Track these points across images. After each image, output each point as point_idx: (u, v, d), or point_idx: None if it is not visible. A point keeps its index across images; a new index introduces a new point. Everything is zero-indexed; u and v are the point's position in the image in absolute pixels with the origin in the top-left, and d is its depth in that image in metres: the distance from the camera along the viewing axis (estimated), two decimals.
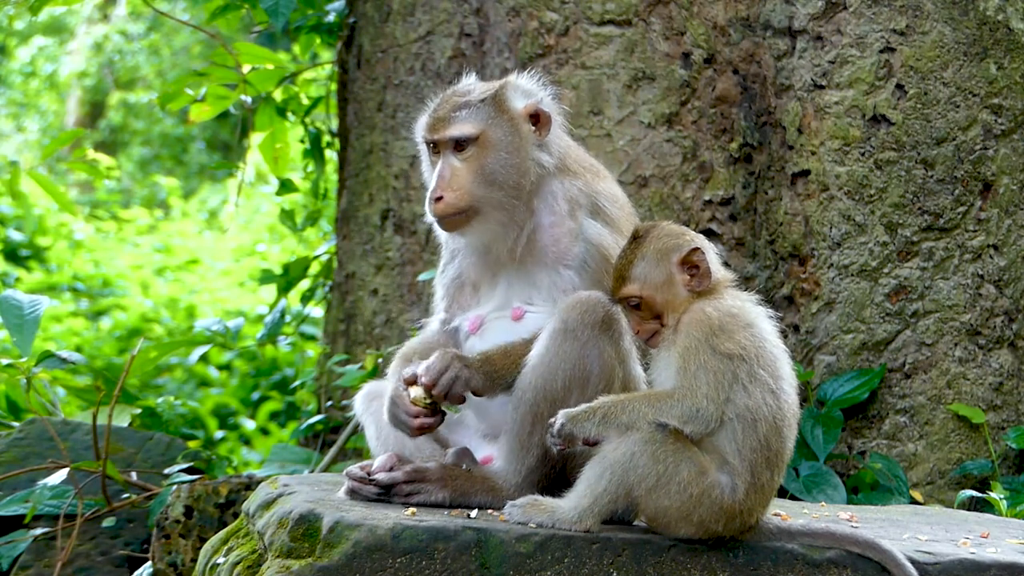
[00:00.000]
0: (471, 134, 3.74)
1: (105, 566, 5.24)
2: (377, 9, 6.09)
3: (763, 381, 3.27)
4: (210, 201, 18.61)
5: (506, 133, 3.75)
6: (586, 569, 3.30)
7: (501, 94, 3.80)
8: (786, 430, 3.31)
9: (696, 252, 3.39)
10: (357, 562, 3.23)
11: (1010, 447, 5.22)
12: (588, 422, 3.29)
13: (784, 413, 3.30)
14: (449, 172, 3.74)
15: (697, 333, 3.29)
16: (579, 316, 3.53)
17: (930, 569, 3.39)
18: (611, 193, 3.89)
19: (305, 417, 6.51)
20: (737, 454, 3.26)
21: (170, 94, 6.57)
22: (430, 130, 3.80)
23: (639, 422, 3.25)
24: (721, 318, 3.31)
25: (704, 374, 3.25)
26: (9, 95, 20.83)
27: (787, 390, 3.33)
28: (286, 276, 6.98)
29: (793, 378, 3.38)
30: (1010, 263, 5.33)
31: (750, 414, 3.25)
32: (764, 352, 3.30)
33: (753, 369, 3.27)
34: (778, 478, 3.33)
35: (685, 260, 3.40)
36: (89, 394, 6.00)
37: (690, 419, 3.24)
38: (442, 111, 3.79)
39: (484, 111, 3.76)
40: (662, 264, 3.42)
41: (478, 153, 3.73)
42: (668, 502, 3.28)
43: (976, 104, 5.29)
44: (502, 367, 3.64)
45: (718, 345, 3.27)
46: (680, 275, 3.41)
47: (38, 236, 13.68)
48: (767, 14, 5.43)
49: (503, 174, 3.74)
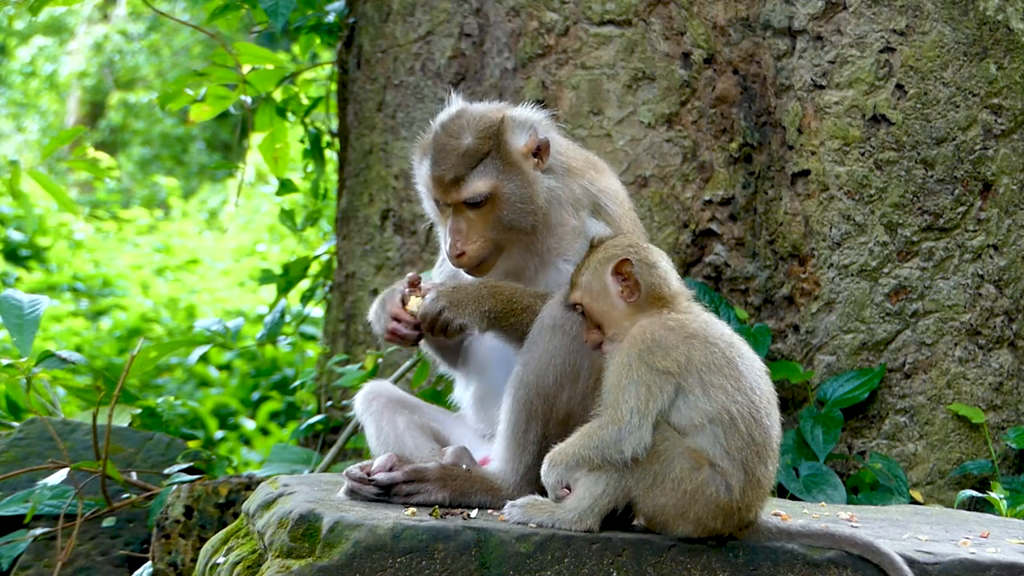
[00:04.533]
0: (485, 194, 3.71)
1: (105, 566, 5.24)
2: (377, 9, 6.09)
3: (720, 385, 3.27)
4: (210, 201, 18.61)
5: (517, 183, 3.73)
6: (586, 569, 3.30)
7: (504, 141, 3.72)
8: (766, 420, 3.31)
9: (625, 264, 3.39)
10: (357, 562, 3.23)
11: (1010, 447, 5.22)
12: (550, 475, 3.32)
13: (758, 405, 3.29)
14: (466, 226, 3.72)
15: (632, 350, 3.30)
16: (567, 310, 3.54)
17: (930, 569, 3.39)
18: (612, 190, 3.89)
19: (305, 417, 6.50)
20: (726, 456, 3.26)
21: (170, 94, 6.57)
22: (441, 192, 3.73)
23: (587, 453, 3.27)
24: (656, 333, 3.31)
25: (635, 388, 3.25)
26: (9, 95, 20.83)
27: (754, 384, 3.32)
28: (286, 276, 6.98)
29: (759, 370, 3.37)
30: (1010, 263, 5.33)
31: (726, 414, 3.25)
32: (713, 358, 3.29)
33: (704, 377, 3.27)
34: (772, 469, 3.34)
35: (617, 270, 3.41)
36: (89, 394, 6.00)
37: (618, 440, 3.24)
38: (446, 169, 3.70)
39: (492, 165, 3.70)
40: (599, 274, 3.43)
41: (493, 206, 3.72)
42: (664, 499, 3.28)
43: (976, 104, 5.29)
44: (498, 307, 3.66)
45: (654, 362, 3.27)
46: (614, 286, 3.41)
47: (38, 236, 13.68)
48: (767, 14, 5.43)
49: (519, 219, 3.74)
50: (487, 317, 3.65)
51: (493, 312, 3.66)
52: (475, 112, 3.80)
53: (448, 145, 3.72)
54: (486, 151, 3.71)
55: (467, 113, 3.80)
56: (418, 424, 3.93)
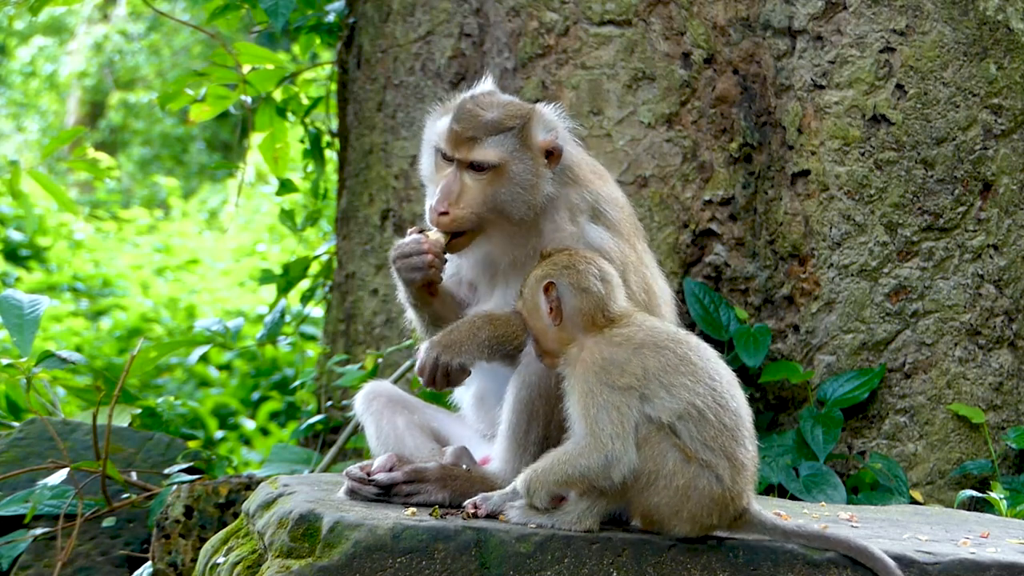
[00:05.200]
0: (494, 162, 3.69)
1: (105, 566, 5.24)
2: (377, 9, 6.09)
3: (680, 383, 3.29)
4: (210, 201, 18.61)
5: (526, 169, 3.71)
6: (586, 569, 3.30)
7: (528, 127, 3.73)
8: (732, 403, 3.33)
9: (550, 288, 3.41)
10: (357, 562, 3.24)
11: (1010, 447, 5.22)
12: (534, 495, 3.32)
13: (720, 392, 3.32)
14: (459, 188, 3.70)
15: (588, 375, 3.32)
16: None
17: (930, 569, 3.39)
18: (611, 196, 3.88)
19: (305, 417, 6.50)
20: (705, 448, 3.27)
21: (170, 94, 6.57)
22: (451, 145, 3.72)
23: (571, 477, 3.28)
24: (605, 352, 3.34)
25: (606, 413, 3.27)
26: (9, 95, 20.83)
27: (712, 373, 3.34)
28: (286, 276, 6.97)
29: (713, 357, 3.39)
30: (1010, 263, 5.33)
31: (693, 408, 3.27)
32: (667, 360, 3.31)
33: (664, 380, 3.29)
34: (752, 448, 3.35)
35: (546, 291, 3.43)
36: (89, 394, 6.00)
37: (608, 467, 3.26)
38: (466, 126, 3.70)
39: (511, 141, 3.69)
40: (533, 291, 3.48)
41: (493, 179, 3.69)
42: (657, 498, 3.29)
43: (976, 104, 5.29)
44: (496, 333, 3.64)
45: (613, 381, 3.30)
46: (544, 305, 3.44)
47: (38, 236, 13.67)
48: (767, 14, 5.43)
49: (513, 205, 3.71)
50: (485, 347, 3.62)
51: (491, 340, 3.63)
52: (506, 96, 3.85)
53: (474, 111, 3.72)
54: (509, 127, 3.70)
55: (499, 94, 3.84)
56: (418, 424, 3.93)
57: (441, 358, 3.61)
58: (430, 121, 3.86)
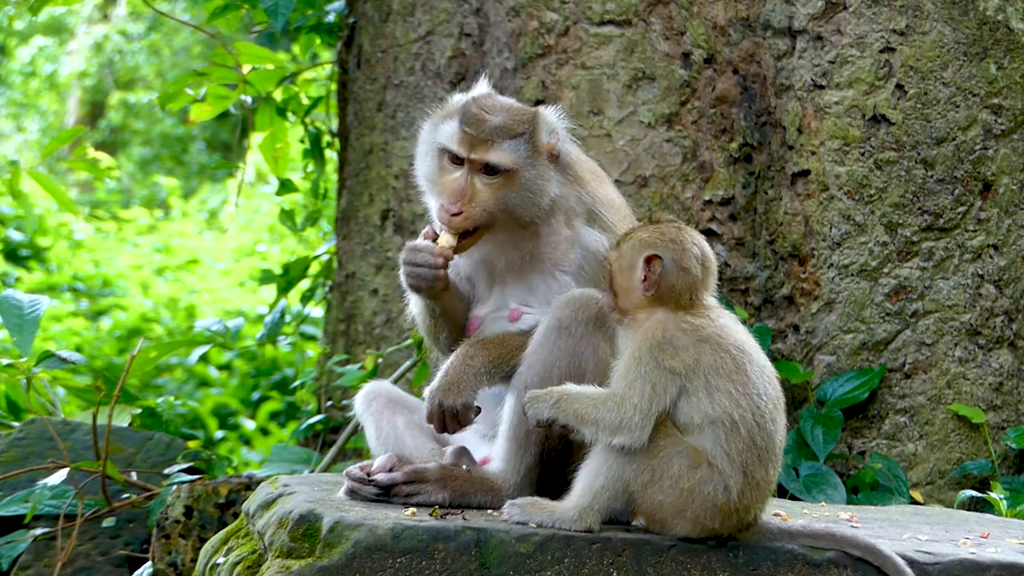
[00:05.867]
0: (508, 166, 3.71)
1: (105, 566, 5.24)
2: (377, 9, 6.09)
3: (725, 389, 3.28)
4: (210, 201, 18.61)
5: (536, 174, 3.73)
6: (586, 569, 3.30)
7: (536, 131, 3.76)
8: (770, 425, 3.32)
9: (654, 260, 3.40)
10: (357, 562, 3.24)
11: (1010, 447, 5.22)
12: (542, 403, 3.35)
13: (763, 411, 3.31)
14: (471, 190, 3.72)
15: (644, 343, 3.33)
16: (573, 313, 3.55)
17: (930, 569, 3.39)
18: (608, 199, 3.89)
19: (305, 417, 6.50)
20: (725, 457, 3.27)
21: (170, 94, 6.57)
22: (465, 147, 3.73)
23: (585, 417, 3.30)
24: (669, 332, 3.34)
25: (641, 384, 3.28)
26: (9, 95, 20.83)
27: (762, 390, 3.33)
28: (286, 276, 6.97)
29: (769, 376, 3.38)
30: (1010, 263, 5.33)
31: (727, 418, 3.27)
32: (722, 363, 3.31)
33: (710, 381, 3.29)
34: (773, 473, 3.34)
35: (648, 260, 3.42)
36: (89, 394, 6.00)
37: (617, 429, 3.27)
38: (479, 130, 3.72)
39: (523, 147, 3.72)
40: (635, 251, 3.46)
41: (505, 182, 3.72)
42: (662, 497, 3.29)
43: (976, 104, 5.29)
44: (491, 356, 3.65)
45: (663, 360, 3.30)
46: (640, 270, 3.42)
47: (38, 236, 13.67)
48: (767, 14, 5.43)
49: (524, 206, 3.74)
50: (483, 375, 3.64)
51: (486, 367, 3.65)
52: (506, 99, 3.87)
53: (482, 115, 3.74)
54: (519, 132, 3.73)
55: (499, 97, 3.86)
56: (418, 424, 3.92)
57: (445, 403, 3.62)
58: (428, 123, 3.87)
